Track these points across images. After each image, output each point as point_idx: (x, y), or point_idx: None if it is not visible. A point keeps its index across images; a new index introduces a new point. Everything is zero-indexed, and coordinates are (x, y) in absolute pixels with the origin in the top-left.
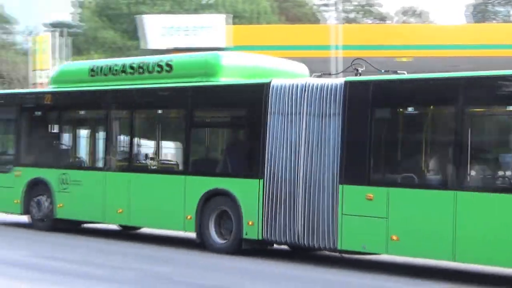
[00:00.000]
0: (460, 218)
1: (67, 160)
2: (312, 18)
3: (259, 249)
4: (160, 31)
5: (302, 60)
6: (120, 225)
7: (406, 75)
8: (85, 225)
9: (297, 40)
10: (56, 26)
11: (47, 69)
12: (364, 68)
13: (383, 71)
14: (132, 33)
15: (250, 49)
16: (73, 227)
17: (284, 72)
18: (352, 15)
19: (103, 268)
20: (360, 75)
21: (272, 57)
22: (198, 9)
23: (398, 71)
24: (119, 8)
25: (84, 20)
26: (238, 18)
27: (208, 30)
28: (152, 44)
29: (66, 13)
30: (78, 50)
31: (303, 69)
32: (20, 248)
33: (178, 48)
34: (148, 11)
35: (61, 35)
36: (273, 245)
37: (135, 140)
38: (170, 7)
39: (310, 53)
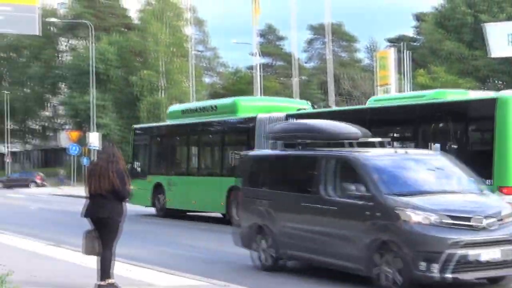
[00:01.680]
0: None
1: (170, 169)
2: None
3: None
4: (504, 38)
5: None
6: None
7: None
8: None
9: None
10: (396, 41)
11: (387, 84)
12: (316, 106)
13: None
14: (475, 42)
15: None
16: (179, 214)
17: (281, 107)
18: None
19: None
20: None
21: (276, 98)
22: None
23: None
24: (461, 18)
25: (423, 33)
26: None
27: None
28: (495, 53)
29: (408, 27)
30: (419, 64)
31: (297, 104)
32: None
33: None
34: (490, 19)
35: (401, 49)
36: None
37: (202, 153)
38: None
39: None
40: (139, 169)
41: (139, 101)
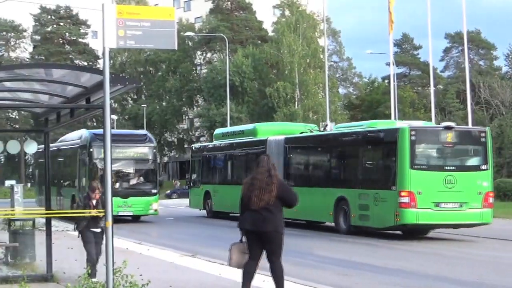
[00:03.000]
0: (313, 197)
1: (214, 179)
2: None
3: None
4: None
5: None
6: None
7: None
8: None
9: None
10: None
11: None
12: (329, 126)
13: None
14: None
15: None
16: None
17: (291, 130)
18: None
19: None
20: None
21: (289, 123)
22: None
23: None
24: None
25: None
26: None
27: None
28: None
29: None
30: None
31: (303, 127)
32: None
33: None
34: None
35: None
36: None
37: (233, 166)
38: None
39: None
40: (195, 180)
41: (275, 112)
